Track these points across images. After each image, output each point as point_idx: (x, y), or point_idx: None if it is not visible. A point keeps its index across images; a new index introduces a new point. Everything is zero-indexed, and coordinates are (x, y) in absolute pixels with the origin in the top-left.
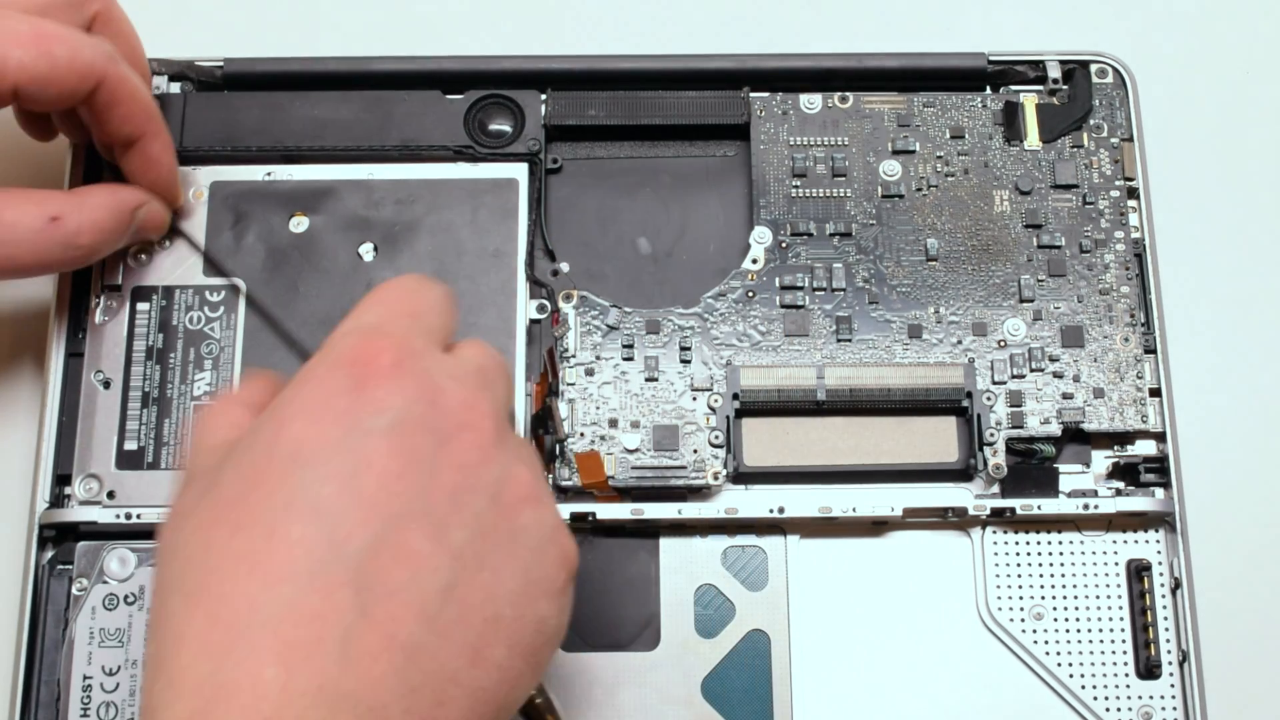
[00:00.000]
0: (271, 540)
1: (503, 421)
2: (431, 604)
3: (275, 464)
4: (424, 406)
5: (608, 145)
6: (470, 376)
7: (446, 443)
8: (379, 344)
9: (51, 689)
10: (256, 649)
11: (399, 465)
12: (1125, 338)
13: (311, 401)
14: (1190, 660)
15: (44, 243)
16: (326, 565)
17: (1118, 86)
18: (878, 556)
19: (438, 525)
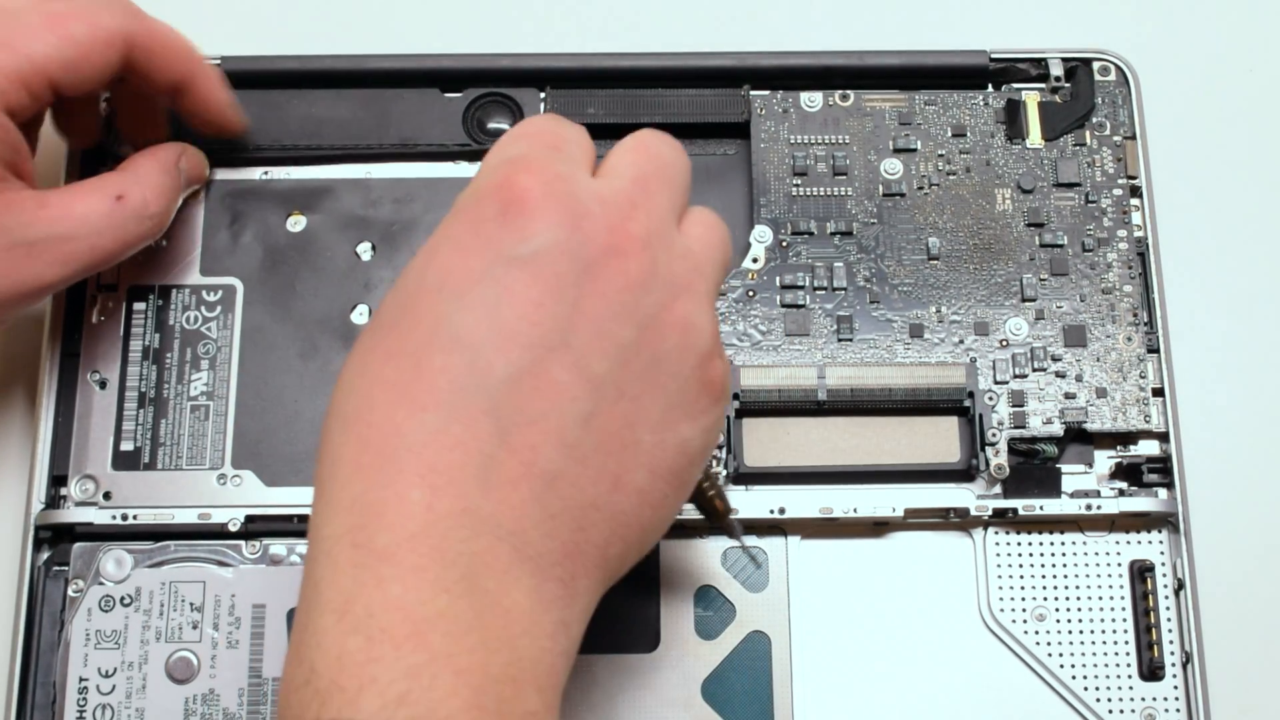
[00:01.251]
0: (417, 368)
1: (659, 238)
2: (570, 432)
3: (424, 293)
4: (568, 231)
5: (608, 144)
6: (622, 196)
7: (591, 269)
8: (525, 172)
9: (47, 691)
10: (403, 472)
11: (539, 294)
12: (1128, 337)
13: (458, 231)
14: (1193, 662)
15: (119, 222)
16: (467, 394)
17: (1120, 84)
18: (879, 557)
19: (578, 354)
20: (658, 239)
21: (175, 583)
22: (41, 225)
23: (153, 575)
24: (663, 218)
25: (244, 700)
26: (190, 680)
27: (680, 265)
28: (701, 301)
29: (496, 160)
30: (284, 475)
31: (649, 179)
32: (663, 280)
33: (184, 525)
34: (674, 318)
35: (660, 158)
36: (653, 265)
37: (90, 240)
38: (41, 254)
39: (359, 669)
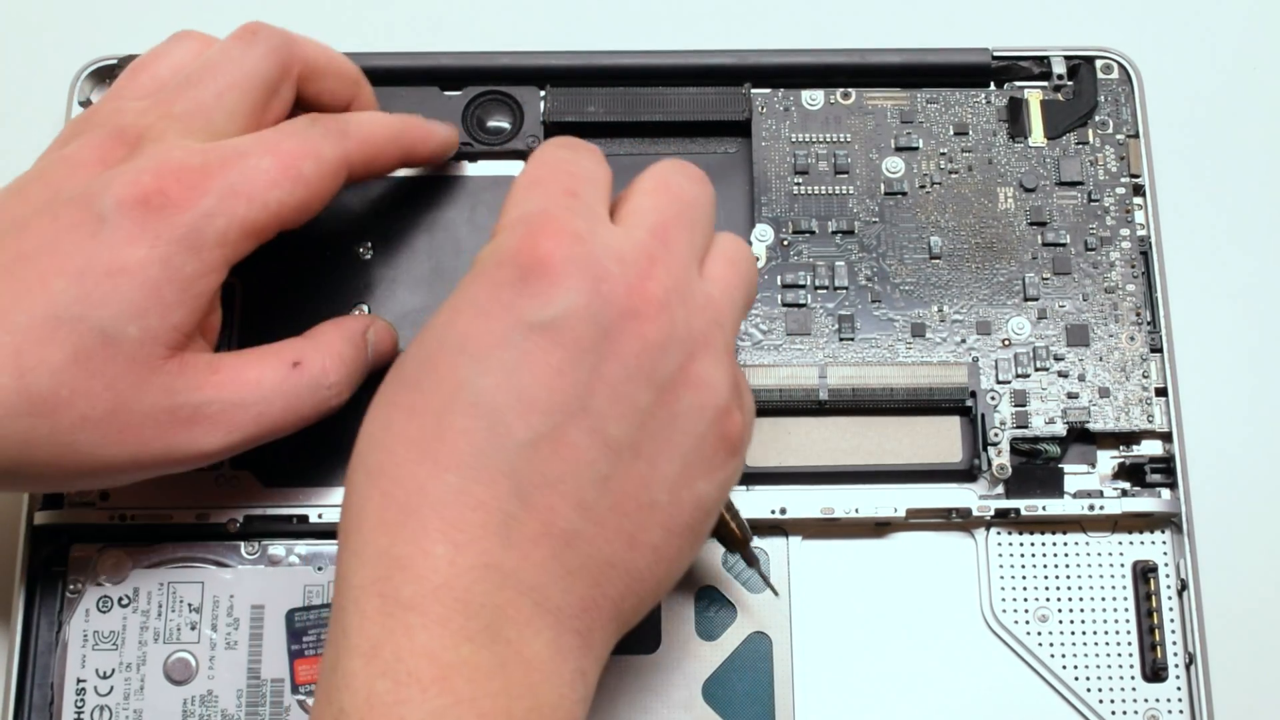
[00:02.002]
0: (439, 429)
1: (678, 294)
2: (588, 495)
3: (444, 353)
4: (587, 297)
5: (607, 142)
6: (640, 252)
7: (610, 334)
8: (543, 234)
9: (45, 692)
10: (426, 528)
11: (558, 361)
12: (1131, 336)
13: (479, 294)
14: (1197, 663)
15: (291, 392)
16: (487, 457)
17: (1123, 82)
18: (880, 558)
19: (596, 419)
20: (676, 295)
21: (173, 583)
22: (209, 390)
23: (151, 576)
24: (683, 268)
25: (242, 701)
26: (188, 681)
27: (699, 319)
28: (719, 356)
29: (515, 216)
30: (283, 475)
31: (668, 227)
32: (680, 339)
33: (182, 525)
34: (690, 376)
35: (682, 197)
36: (670, 325)
37: (258, 408)
38: (204, 420)
39: (387, 710)
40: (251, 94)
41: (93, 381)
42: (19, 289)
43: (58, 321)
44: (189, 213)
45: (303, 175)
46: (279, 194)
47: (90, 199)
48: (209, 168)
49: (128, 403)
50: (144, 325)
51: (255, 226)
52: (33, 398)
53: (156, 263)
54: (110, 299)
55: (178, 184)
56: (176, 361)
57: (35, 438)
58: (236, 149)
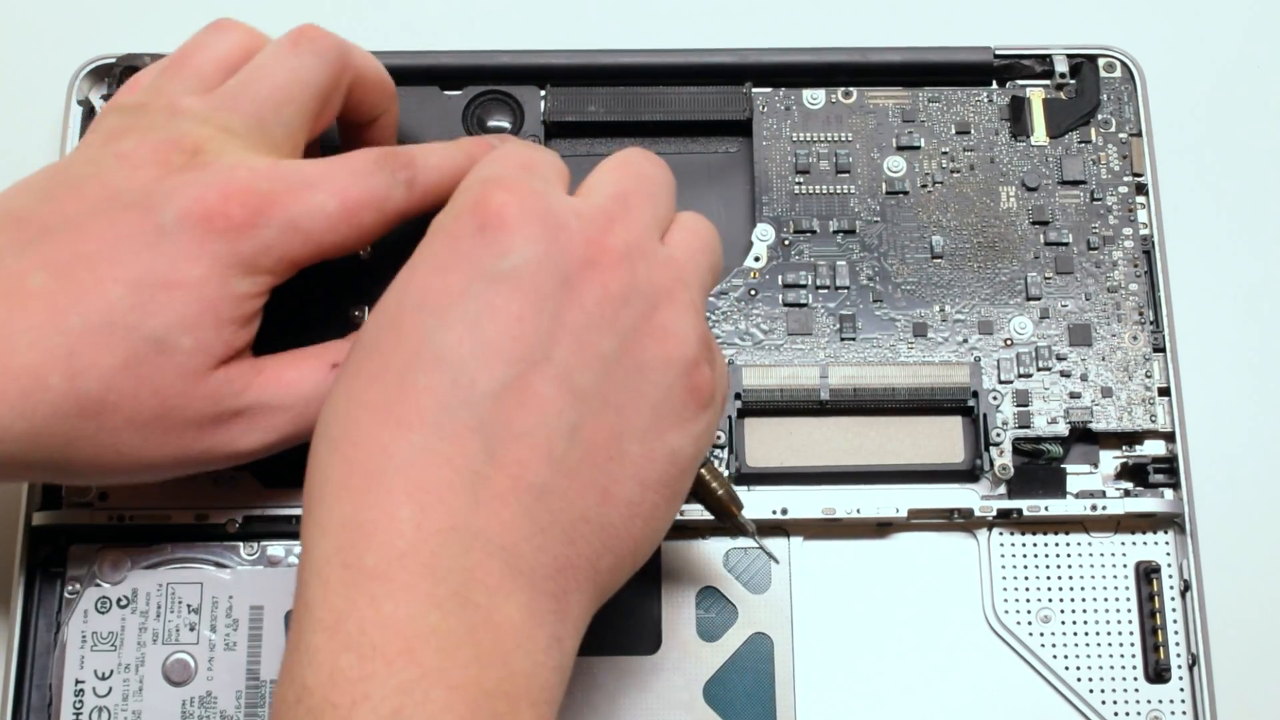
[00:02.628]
0: (401, 388)
1: (638, 249)
2: (557, 446)
3: (404, 312)
4: (546, 245)
5: (608, 142)
6: (599, 211)
7: (571, 282)
8: (500, 189)
9: (43, 693)
10: (391, 492)
11: (520, 308)
12: (1134, 336)
13: (437, 250)
14: (1200, 664)
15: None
16: (453, 412)
17: (1126, 81)
18: (882, 558)
19: (561, 367)
20: (637, 250)
21: (172, 584)
22: (252, 393)
23: (149, 577)
24: (643, 230)
25: (241, 702)
26: (187, 682)
27: (662, 273)
28: (685, 309)
29: (471, 180)
30: (282, 476)
31: (628, 194)
32: (643, 290)
33: (181, 526)
34: (655, 327)
35: (641, 174)
36: (632, 276)
37: (298, 409)
38: (245, 422)
39: (351, 686)
40: (308, 106)
41: (141, 387)
42: (75, 291)
43: (112, 328)
44: (248, 240)
45: (362, 224)
46: (334, 238)
47: (151, 208)
48: (274, 195)
49: (174, 409)
50: (198, 338)
51: (304, 261)
52: (81, 400)
53: (213, 281)
54: (165, 310)
55: (241, 209)
56: (223, 370)
57: (80, 437)
58: (303, 179)
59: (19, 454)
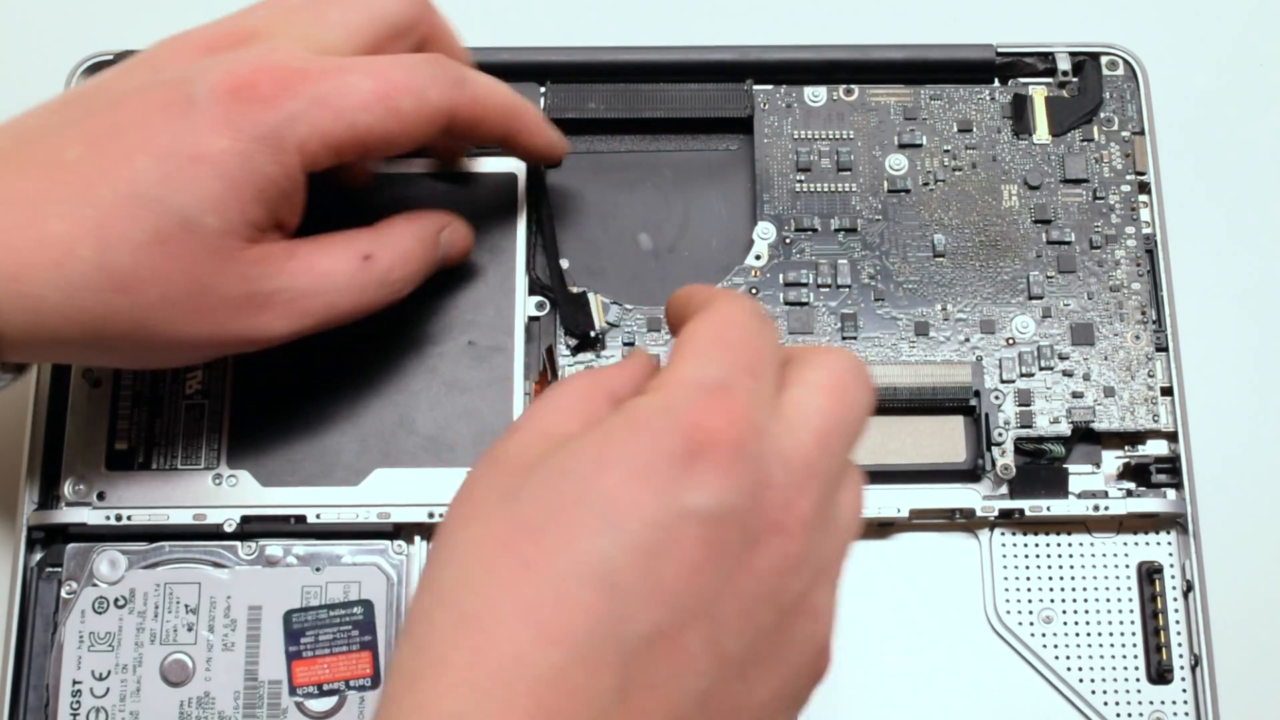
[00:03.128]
0: (557, 596)
1: (820, 516)
2: (685, 706)
3: (582, 510)
4: (746, 500)
5: (608, 139)
6: (802, 463)
7: (754, 545)
8: (724, 415)
9: (40, 694)
10: (513, 707)
11: (701, 558)
12: (1136, 335)
13: (639, 455)
14: (1202, 665)
15: (359, 285)
16: (602, 640)
17: (1128, 79)
18: (883, 558)
19: (717, 629)
20: (819, 519)
21: (170, 584)
22: (283, 277)
23: (147, 576)
24: (831, 488)
25: (239, 703)
26: (185, 683)
27: (829, 546)
28: (834, 588)
29: (694, 377)
30: (280, 475)
31: (832, 437)
32: (812, 564)
33: (179, 526)
34: (810, 606)
35: (852, 409)
36: (808, 548)
37: (328, 298)
38: (276, 305)
39: None
40: (375, 25)
41: (171, 264)
42: (105, 164)
43: (139, 200)
44: (273, 112)
45: (399, 108)
46: (368, 118)
47: (186, 82)
48: (307, 72)
49: (205, 287)
50: (222, 217)
51: (336, 142)
52: (113, 274)
53: (235, 156)
54: (189, 186)
55: (270, 81)
56: (255, 250)
57: (115, 314)
58: (341, 64)
59: (57, 329)
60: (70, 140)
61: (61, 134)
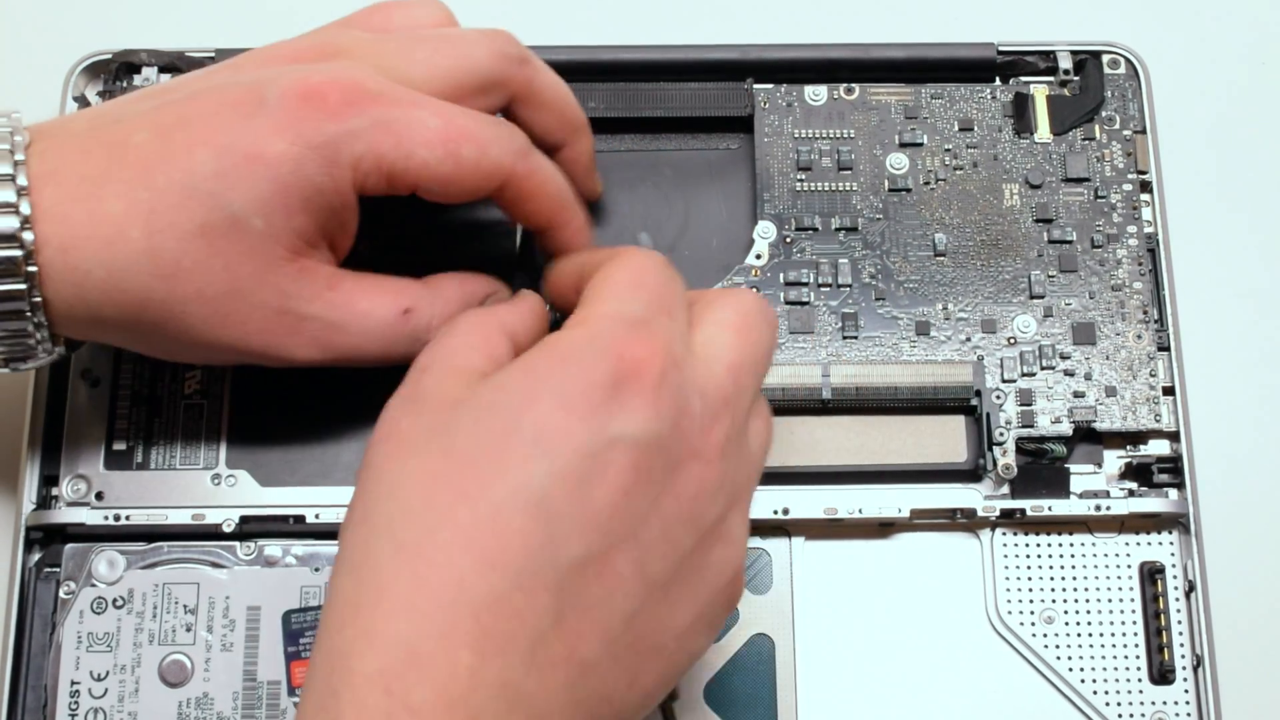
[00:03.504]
0: (494, 522)
1: (734, 443)
2: (615, 627)
3: (515, 441)
4: (669, 426)
5: (608, 138)
6: (718, 392)
7: (675, 469)
8: (647, 346)
9: (38, 694)
10: (457, 629)
11: (628, 483)
12: (1138, 335)
13: (568, 385)
14: (1205, 665)
15: (393, 335)
16: (539, 566)
17: (1130, 77)
18: (884, 559)
19: (643, 552)
20: (733, 445)
21: (168, 584)
22: (320, 304)
23: (146, 577)
24: (742, 418)
25: (238, 704)
26: (184, 684)
27: (742, 473)
28: (745, 514)
29: (616, 311)
30: (280, 475)
31: (743, 371)
32: (727, 489)
33: (177, 526)
34: (725, 530)
35: (759, 345)
36: (723, 474)
37: (358, 340)
38: (305, 330)
39: None
40: (459, 75)
41: (214, 259)
42: (167, 151)
43: (192, 191)
44: (335, 124)
45: (459, 154)
46: (426, 154)
47: (261, 84)
48: (379, 96)
49: (242, 291)
50: (268, 220)
51: (391, 169)
52: (157, 259)
53: (290, 161)
54: (241, 184)
55: (339, 93)
56: (297, 266)
57: (151, 300)
58: (414, 97)
59: (98, 307)
60: (139, 126)
61: (133, 120)
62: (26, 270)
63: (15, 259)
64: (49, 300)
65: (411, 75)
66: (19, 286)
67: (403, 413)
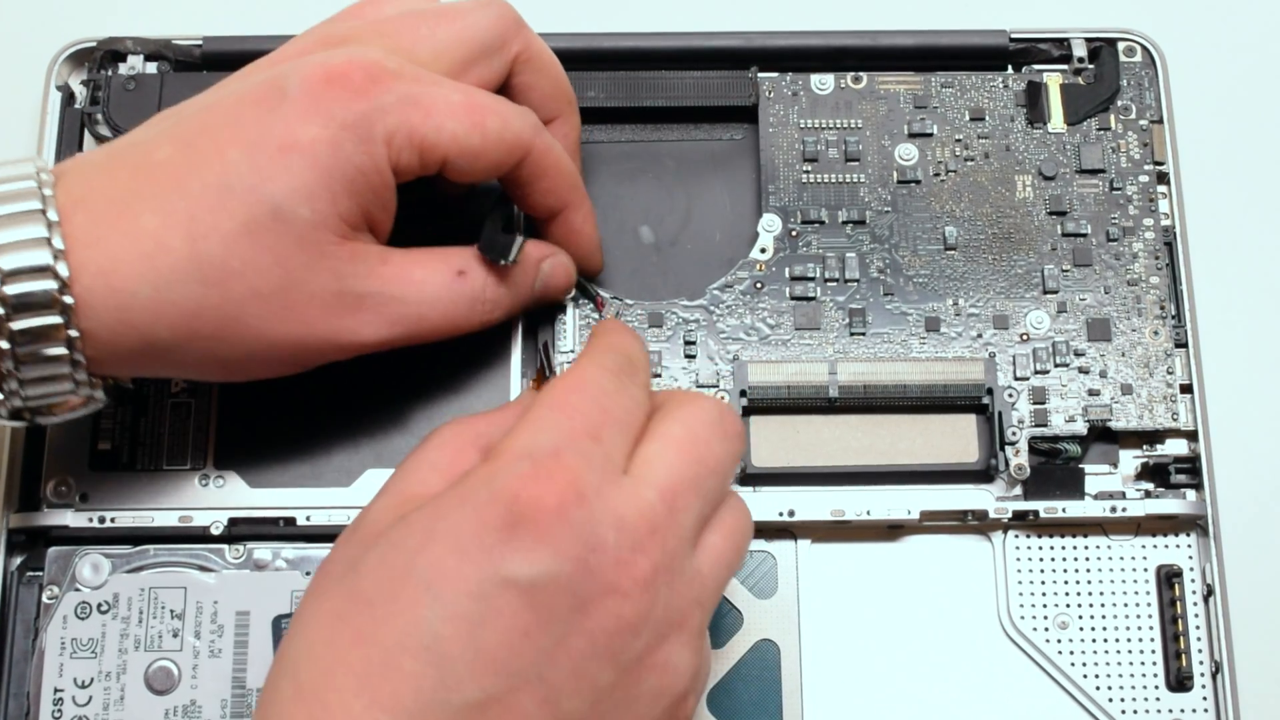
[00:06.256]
0: (385, 666)
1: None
2: None
3: (409, 584)
4: (573, 566)
5: (608, 128)
6: (642, 521)
7: (585, 607)
8: (547, 482)
9: (21, 702)
10: None
11: (526, 624)
12: (1155, 331)
13: (463, 527)
14: (1223, 671)
15: (451, 299)
16: (431, 709)
17: (1146, 65)
18: (893, 562)
19: (551, 690)
20: (665, 574)
21: (155, 588)
22: (375, 280)
23: (131, 581)
24: (680, 542)
25: (227, 712)
26: (171, 691)
27: (682, 597)
28: (691, 639)
29: (525, 446)
30: (269, 476)
31: (680, 493)
32: (657, 621)
33: (164, 528)
34: (658, 661)
35: (706, 460)
36: (650, 607)
37: (419, 309)
38: (367, 309)
39: None
40: (464, 45)
41: (263, 255)
42: (196, 159)
43: (230, 190)
44: (364, 101)
45: (484, 126)
46: (455, 126)
47: (279, 77)
48: (401, 73)
49: (297, 281)
50: (313, 207)
51: (423, 142)
52: (204, 265)
53: (326, 144)
54: (281, 175)
55: (362, 72)
56: (348, 248)
57: (205, 307)
58: (431, 75)
59: (147, 328)
60: (160, 144)
61: (153, 140)
62: (62, 302)
63: (49, 292)
64: (90, 333)
65: (418, 53)
66: (54, 321)
67: (340, 542)
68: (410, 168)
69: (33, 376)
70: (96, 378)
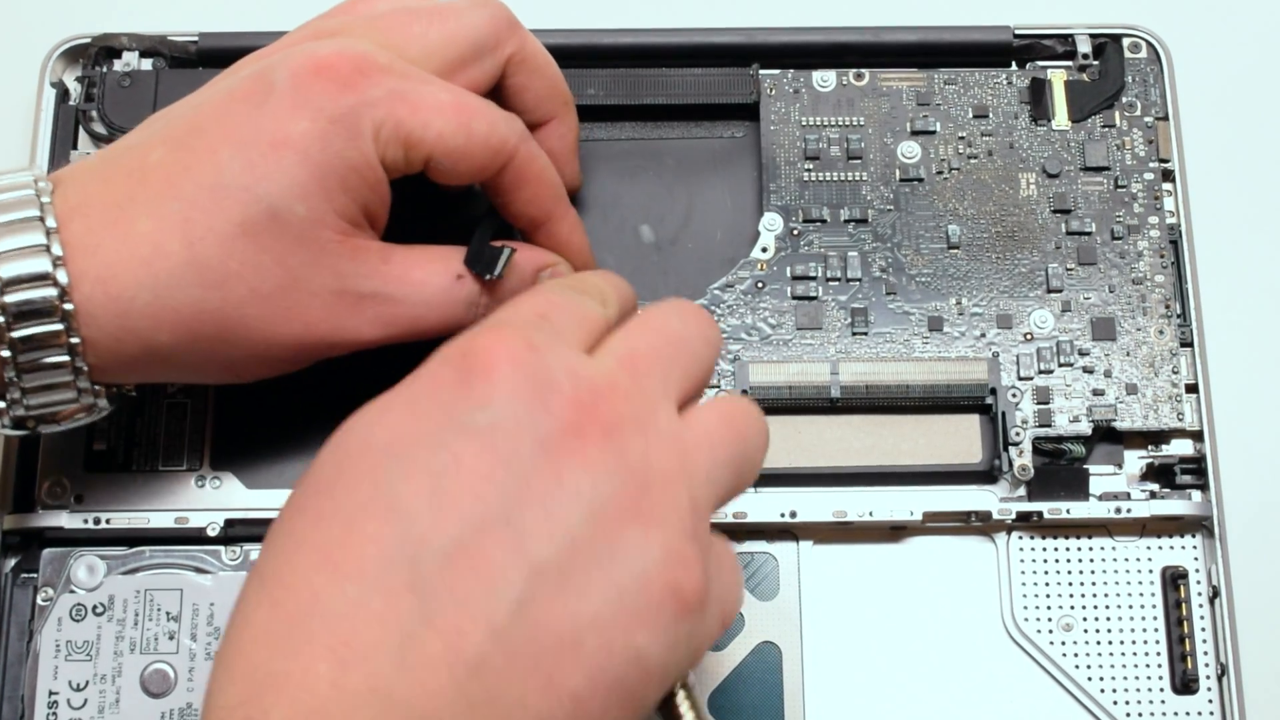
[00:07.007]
0: (347, 533)
1: (635, 423)
2: (501, 618)
3: (367, 454)
4: (529, 404)
5: (608, 126)
6: (600, 375)
7: (549, 448)
8: (494, 335)
9: (15, 706)
10: (312, 642)
11: (488, 467)
12: (1160, 330)
13: (416, 391)
14: (1229, 674)
15: (449, 302)
16: (395, 566)
17: (1152, 62)
18: (896, 563)
19: (520, 535)
20: (632, 424)
21: (151, 590)
22: (377, 280)
23: (127, 582)
24: (648, 401)
25: None
26: (166, 694)
27: (662, 455)
28: (679, 500)
29: (477, 328)
30: (266, 477)
31: (641, 358)
32: (633, 469)
33: (160, 530)
34: (641, 509)
35: (664, 331)
36: (620, 453)
37: (417, 310)
38: (366, 308)
39: None
40: (456, 44)
41: (262, 255)
42: (189, 160)
43: (224, 190)
44: (351, 94)
45: (470, 127)
46: (442, 124)
47: (266, 70)
48: (389, 68)
49: (296, 280)
50: (310, 205)
51: (409, 137)
52: (202, 268)
53: (316, 139)
54: (274, 173)
55: (350, 65)
56: (349, 245)
57: (204, 312)
58: (420, 73)
59: (148, 335)
60: (153, 146)
61: (145, 143)
62: (63, 309)
63: (49, 299)
64: (91, 341)
65: (409, 51)
66: (55, 328)
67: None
68: (396, 164)
69: (34, 385)
70: (99, 385)
